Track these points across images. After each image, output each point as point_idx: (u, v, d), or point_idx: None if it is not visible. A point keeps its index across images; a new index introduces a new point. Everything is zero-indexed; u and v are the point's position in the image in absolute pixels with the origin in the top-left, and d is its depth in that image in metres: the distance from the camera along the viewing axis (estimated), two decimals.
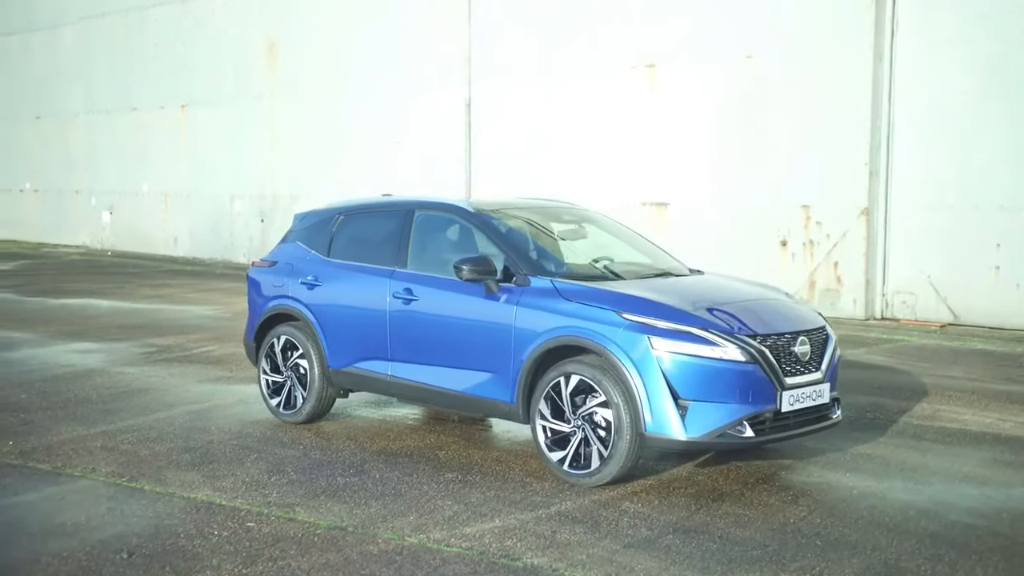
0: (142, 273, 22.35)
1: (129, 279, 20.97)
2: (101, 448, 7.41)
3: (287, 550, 5.33)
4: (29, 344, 12.36)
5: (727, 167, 16.99)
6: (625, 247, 7.95)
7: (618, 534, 5.65)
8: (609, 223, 8.33)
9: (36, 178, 32.24)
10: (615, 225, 8.35)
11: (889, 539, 5.65)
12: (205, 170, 26.13)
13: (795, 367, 6.53)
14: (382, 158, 22.06)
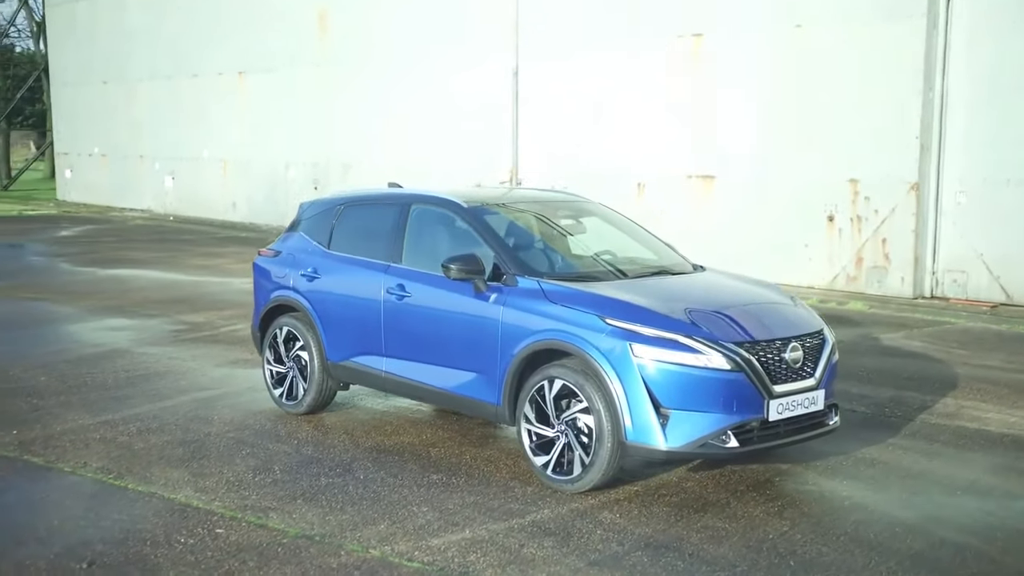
0: (196, 240, 22.62)
1: (182, 247, 21.24)
2: (99, 440, 7.48)
3: (247, 562, 5.31)
4: (66, 319, 12.56)
5: (774, 140, 16.60)
6: (625, 242, 7.76)
7: (586, 549, 5.54)
8: (611, 216, 8.15)
9: (104, 143, 32.77)
10: (617, 218, 8.16)
11: (867, 559, 5.46)
12: (261, 137, 26.30)
13: (785, 374, 6.32)
14: (429, 127, 21.97)
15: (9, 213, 30.77)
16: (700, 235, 17.55)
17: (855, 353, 11.06)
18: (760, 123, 16.77)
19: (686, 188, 17.85)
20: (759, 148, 16.81)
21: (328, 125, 24.44)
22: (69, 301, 14.04)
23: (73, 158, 34.99)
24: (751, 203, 16.97)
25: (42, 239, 22.97)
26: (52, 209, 32.35)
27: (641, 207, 18.14)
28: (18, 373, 9.60)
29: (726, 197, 17.33)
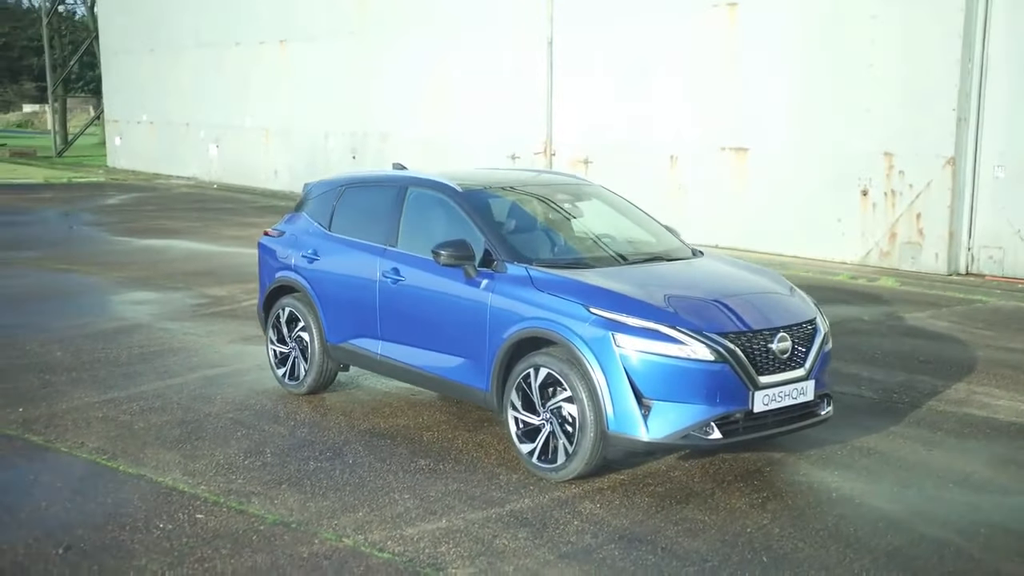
0: (236, 209, 22.81)
1: (220, 216, 21.44)
2: (101, 419, 7.59)
3: (220, 549, 5.37)
4: (92, 292, 12.76)
5: (808, 112, 16.34)
6: (624, 226, 7.68)
7: (559, 541, 5.53)
8: (612, 199, 8.06)
9: (151, 110, 33.11)
10: (618, 201, 8.07)
11: (841, 556, 5.39)
12: (302, 106, 26.40)
13: (772, 365, 6.24)
14: (464, 97, 21.91)
15: (59, 180, 31.23)
16: (732, 209, 17.38)
17: (875, 334, 10.91)
18: (794, 95, 16.52)
19: (719, 161, 17.65)
20: (793, 120, 16.56)
21: (366, 95, 24.47)
22: (99, 272, 14.25)
23: (123, 125, 35.40)
24: (784, 176, 16.75)
25: (85, 207, 23.30)
26: (101, 176, 32.79)
27: (673, 180, 17.99)
28: (35, 348, 9.76)
29: (759, 170, 17.10)
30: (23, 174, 33.28)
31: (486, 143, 21.49)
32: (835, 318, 11.43)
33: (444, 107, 22.50)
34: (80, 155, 42.72)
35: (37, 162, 39.61)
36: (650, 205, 18.47)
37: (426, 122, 22.98)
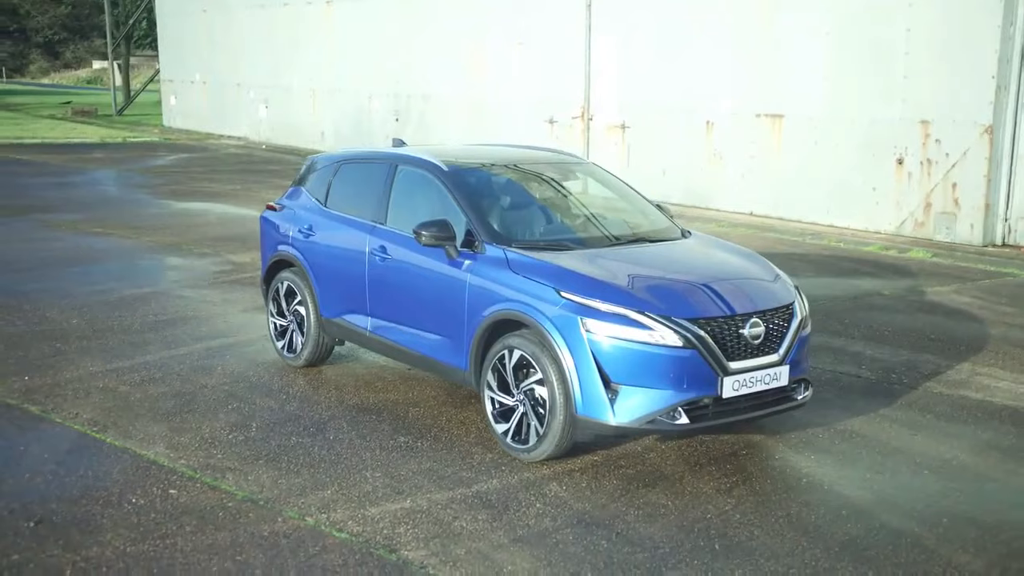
0: (280, 171, 23.02)
1: (263, 179, 21.68)
2: (100, 389, 7.79)
3: (185, 526, 5.52)
4: (121, 257, 13.03)
5: (844, 78, 16.09)
6: (611, 207, 7.67)
7: (517, 524, 5.60)
8: (603, 177, 8.05)
9: (204, 70, 33.46)
10: (609, 179, 8.05)
11: (795, 545, 5.40)
12: (348, 68, 26.51)
13: (744, 350, 6.22)
14: (504, 60, 21.85)
15: (114, 140, 31.76)
16: (766, 176, 17.21)
17: (891, 309, 10.79)
18: (831, 60, 16.25)
19: (754, 127, 17.45)
20: (829, 87, 16.32)
21: (409, 57, 24.50)
22: (133, 236, 14.54)
23: (177, 85, 35.83)
24: (819, 144, 16.53)
25: (133, 168, 23.70)
26: (155, 136, 33.26)
27: (709, 146, 17.84)
28: (54, 315, 10.01)
29: (794, 137, 16.89)
30: (80, 133, 33.90)
31: (525, 106, 21.45)
32: (855, 292, 11.35)
33: (484, 70, 22.47)
34: (141, 113, 43.36)
35: (97, 121, 40.30)
36: (685, 171, 18.41)
37: (467, 85, 22.98)
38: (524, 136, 21.19)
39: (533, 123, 21.34)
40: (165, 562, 5.14)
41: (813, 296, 11.28)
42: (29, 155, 26.80)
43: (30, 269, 12.21)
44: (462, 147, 8.80)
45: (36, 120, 40.46)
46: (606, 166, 19.93)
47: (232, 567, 5.09)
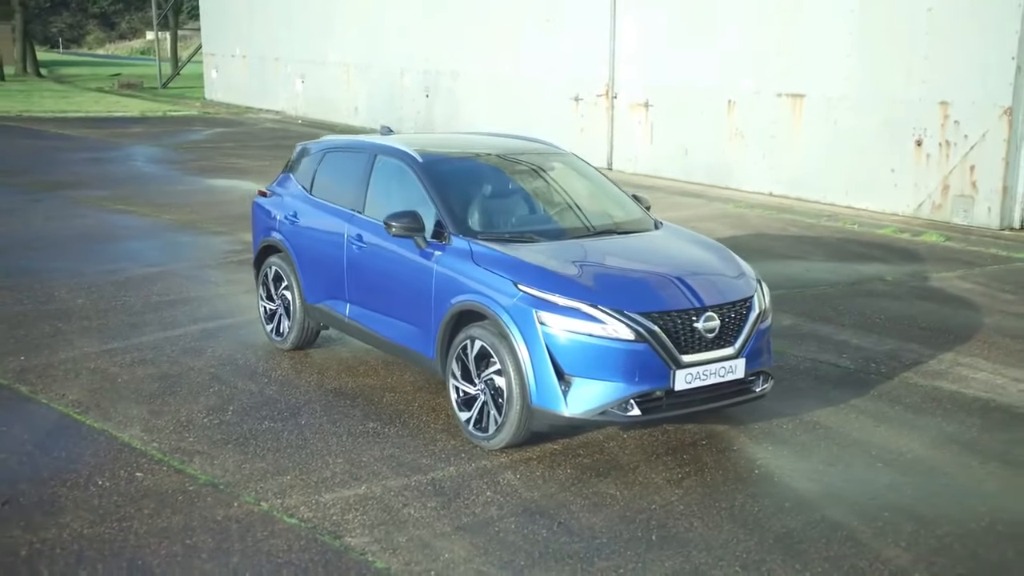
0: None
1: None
2: (91, 370, 8.05)
3: (143, 509, 5.75)
4: (139, 235, 13.35)
5: (865, 58, 15.98)
6: (584, 197, 7.75)
7: (463, 513, 5.76)
8: (580, 167, 8.12)
9: (244, 45, 33.79)
10: (585, 169, 8.13)
11: (730, 537, 5.51)
12: (380, 43, 26.67)
13: (698, 344, 6.32)
14: (530, 37, 21.87)
15: (155, 113, 32.23)
16: (786, 156, 17.15)
17: (889, 296, 10.79)
18: (852, 40, 16.14)
19: (775, 106, 17.38)
20: (850, 67, 16.22)
21: (439, 34, 24.60)
22: (154, 214, 14.85)
23: (219, 58, 36.21)
24: (839, 125, 16.44)
25: (167, 143, 24.08)
26: (195, 110, 33.69)
27: (731, 125, 17.81)
28: (62, 294, 10.32)
29: (814, 118, 16.81)
30: (123, 107, 34.43)
31: (551, 83, 21.48)
32: (857, 277, 11.36)
33: (512, 47, 22.52)
34: (186, 86, 43.88)
35: (142, 94, 40.87)
36: (707, 150, 18.38)
37: (495, 62, 23.05)
38: (550, 113, 21.27)
39: (559, 100, 21.39)
40: (118, 545, 5.36)
41: (813, 281, 11.32)
42: (71, 129, 27.31)
43: (49, 247, 12.54)
44: (446, 136, 8.93)
45: (83, 93, 41.13)
46: (630, 144, 20.01)
47: (180, 551, 5.31)
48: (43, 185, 17.41)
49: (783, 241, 13.82)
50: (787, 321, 9.73)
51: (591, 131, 20.89)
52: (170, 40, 54.19)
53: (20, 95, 39.44)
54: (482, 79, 23.35)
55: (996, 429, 7.12)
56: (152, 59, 64.13)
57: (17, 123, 28.81)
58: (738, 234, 14.20)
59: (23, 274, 11.12)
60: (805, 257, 12.80)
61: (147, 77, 47.32)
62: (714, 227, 14.63)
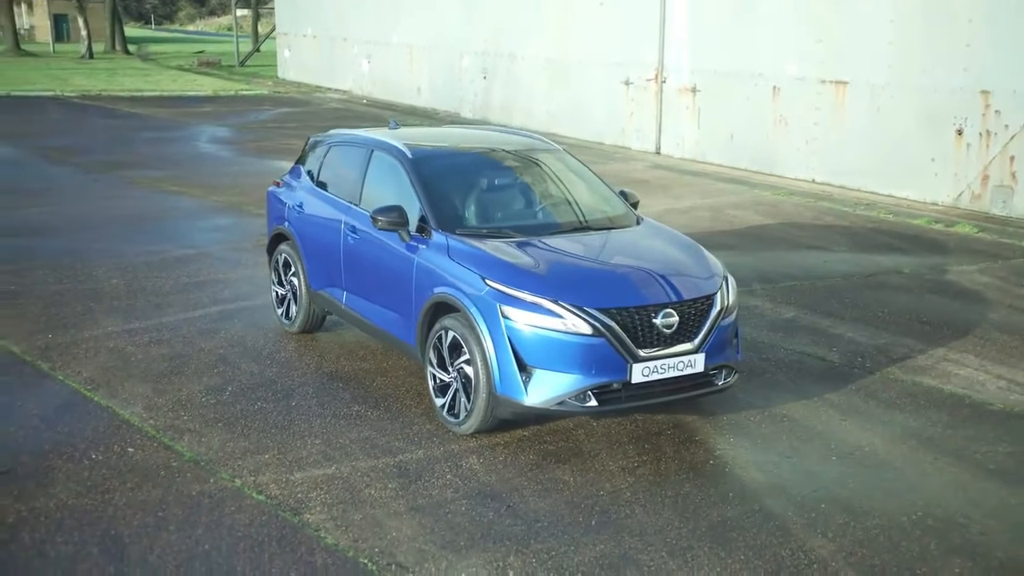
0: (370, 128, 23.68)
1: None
2: (109, 349, 8.59)
3: (126, 483, 6.22)
4: (184, 216, 13.96)
5: (908, 46, 15.93)
6: (568, 193, 8.03)
7: (420, 495, 6.13)
8: (569, 163, 8.38)
9: (316, 24, 34.45)
10: (573, 164, 8.38)
11: (666, 524, 5.78)
12: (442, 25, 27.04)
13: (656, 339, 6.59)
14: (584, 21, 22.07)
15: (227, 93, 33.07)
16: (828, 144, 17.18)
17: (901, 289, 10.89)
18: (895, 28, 16.09)
19: (819, 93, 17.39)
20: (893, 54, 16.17)
21: (497, 17, 24.89)
22: (203, 195, 15.46)
23: (291, 38, 36.95)
24: (881, 112, 16.42)
25: (232, 123, 24.78)
26: (266, 89, 34.45)
27: (775, 111, 17.87)
28: (99, 274, 10.91)
29: (856, 105, 16.80)
30: (198, 86, 35.36)
31: (603, 67, 21.68)
32: (874, 269, 11.47)
33: (566, 30, 22.74)
34: (263, 64, 44.79)
35: (218, 72, 41.84)
36: (752, 137, 18.45)
37: (550, 45, 23.29)
38: (602, 97, 21.47)
39: (610, 84, 21.57)
40: (96, 515, 5.84)
41: (828, 272, 11.45)
42: (144, 108, 28.22)
43: (97, 227, 13.18)
44: (445, 131, 9.27)
45: (163, 71, 42.26)
46: (677, 129, 20.13)
47: (151, 522, 5.77)
48: (104, 165, 18.15)
49: (811, 230, 13.91)
50: (789, 313, 9.91)
51: (640, 115, 21.05)
52: (251, 18, 55.21)
53: (104, 73, 40.68)
54: (538, 62, 23.61)
55: (961, 426, 7.27)
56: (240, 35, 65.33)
57: (95, 102, 29.82)
58: (767, 222, 14.32)
59: (67, 254, 11.74)
60: (828, 247, 12.90)
61: (228, 55, 48.38)
62: (745, 215, 14.78)
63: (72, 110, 27.61)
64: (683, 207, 15.19)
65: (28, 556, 5.38)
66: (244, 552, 5.43)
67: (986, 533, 5.75)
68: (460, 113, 26.43)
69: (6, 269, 11.02)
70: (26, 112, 26.86)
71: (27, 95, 31.19)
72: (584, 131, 22.46)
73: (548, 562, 5.39)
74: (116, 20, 56.78)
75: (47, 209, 14.36)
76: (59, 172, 17.54)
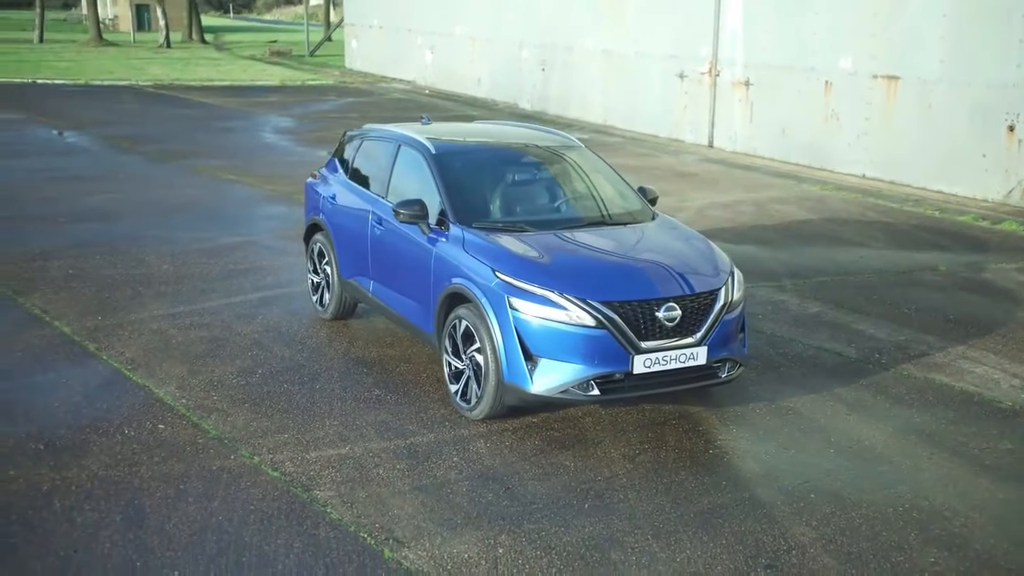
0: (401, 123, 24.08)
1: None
2: (152, 331, 9.04)
3: (153, 457, 6.64)
4: (239, 205, 14.48)
5: (960, 41, 15.88)
6: (582, 189, 8.29)
7: (425, 475, 6.46)
8: (589, 160, 8.62)
9: (382, 15, 34.97)
10: (595, 163, 8.63)
11: (656, 509, 6.01)
12: (502, 17, 27.33)
13: (659, 332, 6.83)
14: (640, 14, 22.20)
15: (293, 83, 33.72)
16: (879, 139, 17.17)
17: (933, 287, 10.97)
18: (947, 23, 16.04)
19: (871, 88, 17.38)
20: (945, 49, 16.13)
21: (556, 9, 25.11)
22: (258, 184, 15.97)
23: (358, 28, 37.52)
24: (932, 108, 16.39)
25: (294, 113, 25.34)
26: (333, 79, 35.05)
27: (827, 106, 17.91)
28: (151, 260, 11.42)
29: (908, 100, 16.78)
30: (267, 76, 36.09)
31: (658, 60, 21.81)
32: (909, 265, 11.56)
33: (622, 23, 22.89)
34: (332, 54, 45.48)
35: (288, 62, 42.60)
36: (804, 131, 18.50)
37: (606, 37, 23.46)
38: (657, 90, 21.61)
39: (665, 77, 21.70)
40: (123, 486, 6.25)
41: (862, 268, 11.55)
42: (212, 98, 28.94)
43: (155, 215, 13.72)
44: (473, 127, 9.56)
45: (234, 61, 43.13)
46: (730, 122, 20.21)
47: (172, 494, 6.16)
48: (169, 154, 18.77)
49: (852, 227, 13.97)
50: (814, 309, 10.06)
51: (694, 108, 21.15)
52: (324, 7, 55.96)
53: (179, 63, 41.67)
54: (595, 55, 23.80)
55: (965, 422, 7.40)
56: (314, 24, 66.21)
57: (167, 91, 30.65)
58: (811, 218, 14.41)
59: (125, 240, 12.27)
60: (866, 243, 12.97)
61: (300, 44, 49.17)
62: (788, 210, 14.87)
63: (145, 99, 28.42)
64: (726, 201, 15.33)
65: (57, 521, 5.79)
66: (254, 524, 5.79)
67: (967, 526, 5.91)
68: (518, 104, 26.71)
69: (69, 254, 11.56)
70: (102, 101, 27.72)
71: (104, 84, 32.12)
72: (639, 124, 22.62)
73: (537, 541, 5.67)
74: (193, 9, 57.96)
75: (111, 196, 14.95)
76: (126, 160, 18.18)
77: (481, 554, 5.53)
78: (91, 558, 5.42)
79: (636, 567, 5.43)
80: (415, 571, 5.35)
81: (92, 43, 50.59)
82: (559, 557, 5.51)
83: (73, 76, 34.11)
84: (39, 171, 16.83)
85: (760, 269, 11.47)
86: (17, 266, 10.99)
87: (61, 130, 21.51)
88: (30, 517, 5.82)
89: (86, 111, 25.16)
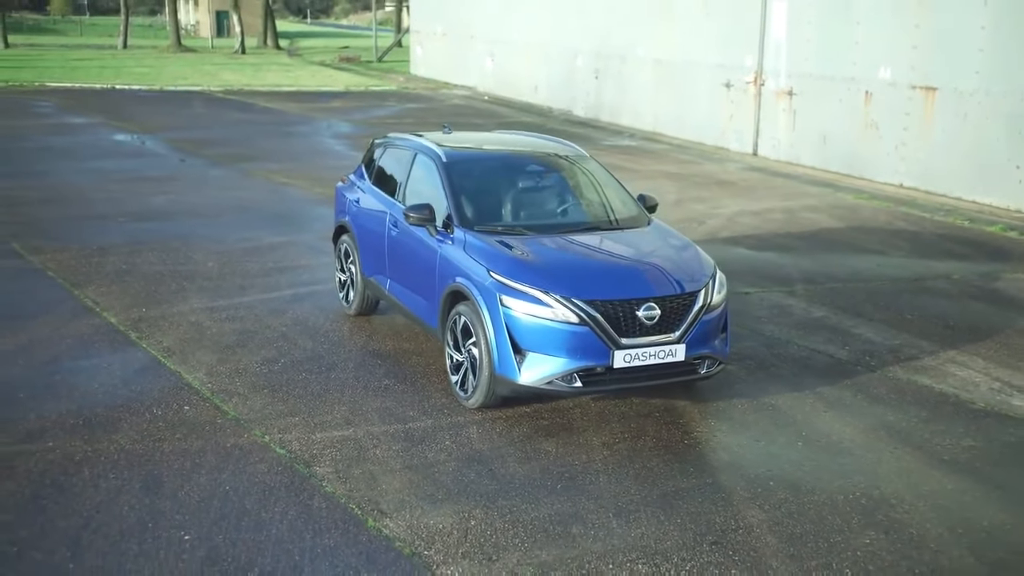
0: (483, 125, 24.78)
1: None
2: (190, 323, 9.79)
3: (176, 434, 7.35)
4: (286, 206, 15.24)
5: (998, 53, 16.12)
6: (582, 195, 8.85)
7: (417, 456, 7.07)
8: (594, 169, 9.17)
9: (446, 22, 35.76)
10: (598, 171, 9.17)
11: (621, 490, 6.51)
12: (559, 25, 27.93)
13: (639, 329, 7.38)
14: (689, 25, 22.65)
15: (358, 88, 34.65)
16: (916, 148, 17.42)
17: (942, 294, 11.29)
18: (984, 35, 16.27)
19: (909, 98, 17.65)
20: (983, 61, 16.37)
21: (609, 19, 25.64)
22: (308, 187, 16.75)
23: (423, 36, 38.37)
24: (968, 118, 16.63)
25: (353, 119, 26.18)
26: (396, 85, 35.91)
27: (867, 116, 18.21)
28: (199, 256, 12.21)
29: (945, 110, 17.03)
30: (333, 81, 37.10)
31: (706, 69, 22.23)
32: (924, 273, 11.92)
33: (672, 33, 23.36)
34: (400, 60, 46.43)
35: (355, 68, 43.64)
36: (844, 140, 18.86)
37: (657, 47, 23.94)
38: (704, 99, 22.03)
39: (712, 86, 22.11)
40: (146, 457, 6.96)
41: (876, 275, 11.92)
42: (277, 103, 29.94)
43: (207, 215, 14.56)
44: (490, 136, 10.18)
45: (304, 67, 44.29)
46: (774, 131, 20.58)
47: (188, 465, 6.85)
48: (228, 158, 19.67)
49: (877, 235, 14.30)
50: (818, 313, 10.48)
51: (739, 117, 21.54)
52: (394, 14, 57.00)
53: (251, 69, 42.94)
54: (646, 64, 24.29)
55: (935, 421, 7.81)
56: (386, 29, 67.27)
57: (236, 96, 31.75)
58: (837, 226, 14.76)
59: (176, 238, 13.09)
60: (886, 252, 13.31)
61: (370, 51, 50.23)
62: (818, 218, 15.24)
63: (213, 105, 29.51)
64: (757, 209, 15.73)
65: (84, 487, 6.50)
66: (256, 494, 6.45)
67: (909, 512, 6.36)
68: (572, 111, 27.28)
69: (124, 251, 12.39)
70: (173, 106, 28.87)
71: (178, 90, 33.35)
72: (687, 132, 23.05)
73: (508, 515, 6.24)
74: (269, 15, 59.44)
75: (169, 197, 15.84)
76: (189, 163, 19.10)
77: (455, 525, 6.11)
78: (110, 518, 6.10)
79: (592, 540, 5.97)
80: (392, 538, 5.95)
81: (171, 49, 52.25)
82: (524, 530, 6.07)
83: (150, 81, 35.46)
84: (109, 172, 17.85)
85: (776, 275, 11.90)
86: (77, 261, 11.84)
87: (142, 137, 22.46)
88: (62, 482, 6.53)
89: (158, 115, 26.27)
